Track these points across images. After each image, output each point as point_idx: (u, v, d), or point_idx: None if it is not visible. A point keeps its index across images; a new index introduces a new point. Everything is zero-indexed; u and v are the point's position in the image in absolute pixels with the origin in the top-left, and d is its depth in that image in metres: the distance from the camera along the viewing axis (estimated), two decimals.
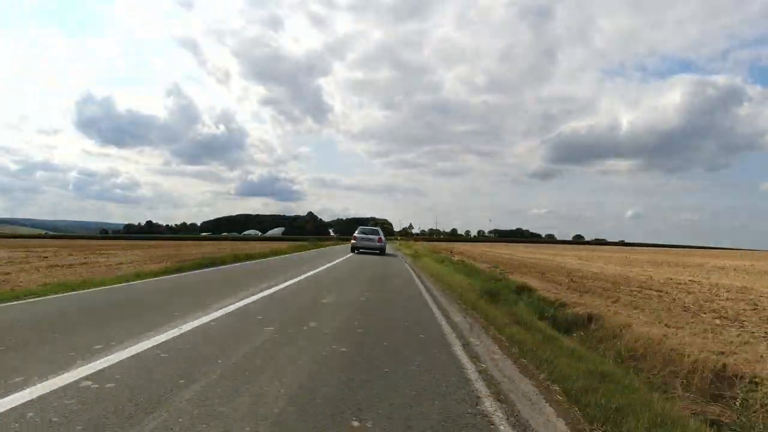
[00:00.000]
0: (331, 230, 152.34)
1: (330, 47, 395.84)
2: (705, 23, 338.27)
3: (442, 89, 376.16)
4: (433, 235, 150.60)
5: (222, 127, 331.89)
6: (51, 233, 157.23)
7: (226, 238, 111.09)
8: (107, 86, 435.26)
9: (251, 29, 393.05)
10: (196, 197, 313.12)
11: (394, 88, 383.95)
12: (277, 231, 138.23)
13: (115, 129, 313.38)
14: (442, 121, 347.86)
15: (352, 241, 25.46)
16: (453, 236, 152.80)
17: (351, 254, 22.91)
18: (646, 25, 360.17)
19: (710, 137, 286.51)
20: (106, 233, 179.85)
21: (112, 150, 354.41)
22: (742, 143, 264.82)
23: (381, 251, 24.95)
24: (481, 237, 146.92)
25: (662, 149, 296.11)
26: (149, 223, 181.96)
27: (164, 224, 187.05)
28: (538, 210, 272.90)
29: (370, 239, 25.56)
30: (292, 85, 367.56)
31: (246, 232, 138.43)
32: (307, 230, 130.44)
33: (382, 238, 25.66)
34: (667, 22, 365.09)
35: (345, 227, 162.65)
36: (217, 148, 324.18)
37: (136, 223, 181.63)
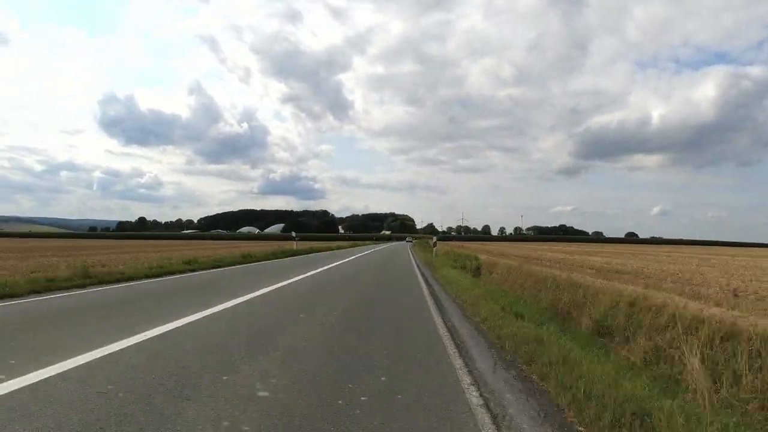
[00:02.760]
0: (340, 227, 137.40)
1: (350, 41, 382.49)
2: (741, 12, 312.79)
3: (465, 83, 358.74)
4: (461, 233, 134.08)
5: (244, 126, 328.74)
6: (36, 232, 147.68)
7: (215, 237, 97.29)
8: (129, 85, 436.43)
9: (270, 24, 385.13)
10: (219, 196, 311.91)
11: (416, 82, 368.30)
12: (275, 228, 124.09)
13: (138, 128, 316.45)
14: (465, 116, 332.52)
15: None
16: (485, 235, 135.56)
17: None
18: (681, 14, 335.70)
19: (743, 131, 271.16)
20: (95, 230, 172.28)
21: (135, 149, 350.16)
22: None
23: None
24: (518, 236, 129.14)
25: (693, 144, 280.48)
26: (141, 219, 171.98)
27: (161, 222, 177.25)
28: (563, 207, 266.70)
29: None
30: (312, 81, 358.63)
31: (241, 230, 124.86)
32: (311, 227, 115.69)
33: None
34: (703, 10, 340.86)
35: (360, 224, 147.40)
36: (240, 147, 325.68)
37: (143, 221, 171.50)
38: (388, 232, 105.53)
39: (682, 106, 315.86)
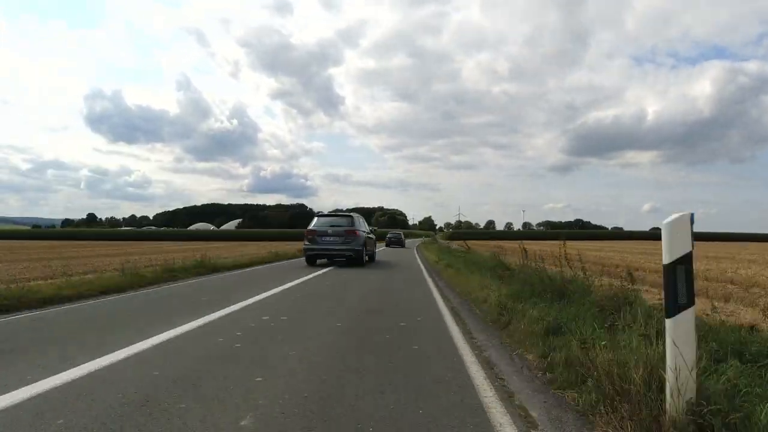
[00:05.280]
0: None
1: (342, 34, 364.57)
2: (740, 5, 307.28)
3: (460, 78, 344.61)
4: (459, 228, 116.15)
5: (234, 122, 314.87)
6: None
7: (152, 237, 77.10)
8: (116, 80, 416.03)
9: (258, 16, 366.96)
10: (208, 194, 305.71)
11: (409, 77, 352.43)
12: (231, 225, 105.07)
13: (126, 125, 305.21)
14: (458, 112, 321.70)
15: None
16: (487, 230, 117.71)
17: None
18: (680, 6, 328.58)
19: (737, 128, 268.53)
20: (39, 227, 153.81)
21: (123, 147, 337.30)
22: None
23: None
24: (529, 231, 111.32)
25: (687, 141, 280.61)
26: (91, 215, 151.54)
27: (119, 218, 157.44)
28: (554, 204, 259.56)
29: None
30: (302, 76, 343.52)
31: (194, 226, 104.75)
32: (278, 223, 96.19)
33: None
34: (702, 3, 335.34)
35: None
36: (229, 144, 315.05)
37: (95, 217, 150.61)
38: (373, 229, 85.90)
39: (678, 103, 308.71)
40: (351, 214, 14.78)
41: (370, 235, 15.60)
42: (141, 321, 4.98)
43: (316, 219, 14.26)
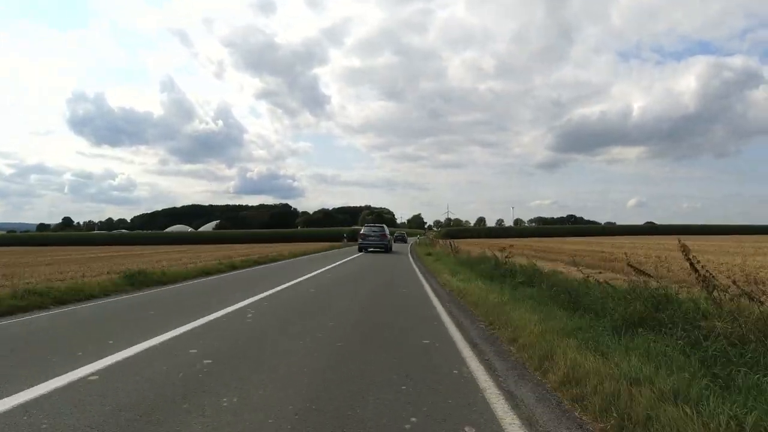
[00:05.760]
0: (299, 223, 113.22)
1: (326, 33, 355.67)
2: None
3: (446, 76, 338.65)
4: (450, 226, 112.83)
5: (219, 123, 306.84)
6: None
7: (118, 240, 71.91)
8: (97, 82, 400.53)
9: (242, 15, 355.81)
10: (194, 197, 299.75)
11: (395, 76, 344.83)
12: (209, 226, 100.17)
13: (109, 128, 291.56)
14: (445, 110, 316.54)
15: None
16: (478, 227, 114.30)
17: None
18: (664, 0, 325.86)
19: (721, 122, 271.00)
20: (14, 232, 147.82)
21: (107, 150, 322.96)
22: (754, 128, 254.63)
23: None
24: (522, 228, 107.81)
25: (673, 136, 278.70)
26: (67, 219, 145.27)
27: (96, 221, 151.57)
28: (542, 201, 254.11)
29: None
30: (287, 75, 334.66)
31: (170, 229, 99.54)
32: (258, 223, 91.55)
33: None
34: None
35: (326, 219, 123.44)
36: (215, 145, 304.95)
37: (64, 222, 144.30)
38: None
39: (663, 98, 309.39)
40: (382, 225, 25.70)
41: (390, 236, 25.94)
42: None
43: (364, 227, 25.36)
